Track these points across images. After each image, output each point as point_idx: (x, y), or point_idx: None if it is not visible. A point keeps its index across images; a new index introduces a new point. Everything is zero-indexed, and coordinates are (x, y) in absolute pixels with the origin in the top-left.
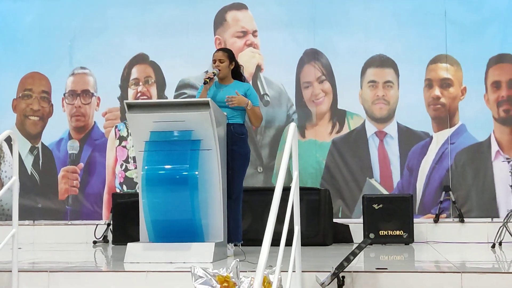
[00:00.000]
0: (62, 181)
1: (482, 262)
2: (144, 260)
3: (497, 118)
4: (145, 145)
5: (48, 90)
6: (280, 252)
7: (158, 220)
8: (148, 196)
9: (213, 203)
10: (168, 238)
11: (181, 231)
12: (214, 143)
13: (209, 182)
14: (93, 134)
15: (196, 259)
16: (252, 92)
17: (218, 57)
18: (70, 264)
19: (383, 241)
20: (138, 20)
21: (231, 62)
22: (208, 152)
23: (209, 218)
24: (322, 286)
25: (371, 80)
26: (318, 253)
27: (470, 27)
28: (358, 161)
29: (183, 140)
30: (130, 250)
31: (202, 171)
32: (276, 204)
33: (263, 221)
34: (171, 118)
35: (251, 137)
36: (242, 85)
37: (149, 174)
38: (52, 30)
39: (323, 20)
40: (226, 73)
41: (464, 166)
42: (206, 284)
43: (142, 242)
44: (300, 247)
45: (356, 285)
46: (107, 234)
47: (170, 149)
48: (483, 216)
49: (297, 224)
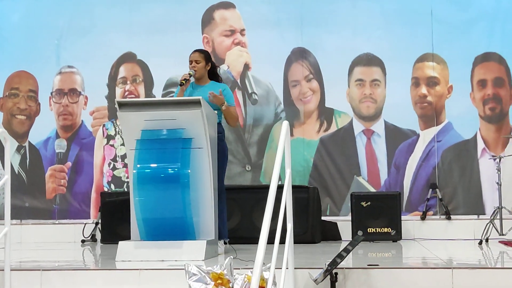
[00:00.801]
0: (50, 180)
1: (470, 259)
2: (136, 258)
3: (483, 116)
4: (136, 144)
5: (35, 89)
6: (275, 249)
7: (150, 218)
8: (140, 194)
9: (204, 201)
10: (160, 236)
11: (173, 229)
12: (206, 141)
13: (200, 180)
14: (81, 133)
15: (188, 257)
16: (227, 92)
17: (194, 58)
18: (61, 263)
19: (371, 238)
20: (125, 18)
21: (207, 63)
22: (200, 150)
23: (201, 216)
24: (315, 282)
25: (358, 78)
26: (307, 250)
27: (456, 26)
28: (345, 159)
29: (174, 138)
30: (122, 249)
31: (193, 169)
32: (271, 202)
33: (252, 219)
34: (163, 116)
35: (239, 136)
36: (218, 85)
37: (141, 173)
38: (39, 28)
39: (310, 19)
40: (202, 73)
41: (450, 163)
42: (200, 281)
43: (134, 241)
44: (293, 244)
45: (349, 282)
46: (95, 233)
47: (162, 148)
48: (470, 213)
49: (290, 221)
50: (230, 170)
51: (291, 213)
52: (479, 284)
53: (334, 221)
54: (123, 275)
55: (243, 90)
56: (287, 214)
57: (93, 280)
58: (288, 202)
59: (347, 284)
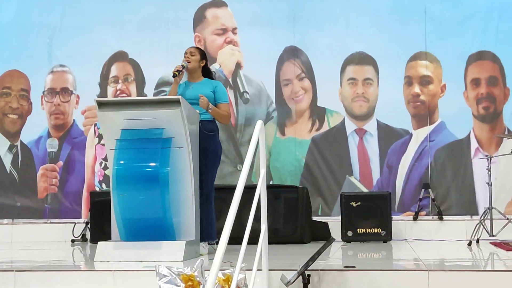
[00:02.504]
0: (41, 179)
1: (455, 260)
2: (114, 259)
3: (477, 116)
4: (116, 143)
5: (27, 88)
6: (242, 250)
7: (129, 218)
8: (119, 194)
9: (185, 201)
10: (139, 236)
11: (152, 229)
12: (186, 141)
13: (180, 180)
14: (73, 132)
15: (167, 258)
16: (220, 88)
17: (190, 50)
18: (41, 263)
19: (361, 239)
20: (117, 17)
21: (202, 59)
22: (180, 150)
23: (181, 216)
24: (286, 285)
25: (350, 77)
26: (293, 251)
27: (449, 24)
28: (337, 159)
29: (154, 138)
30: (101, 249)
31: (173, 169)
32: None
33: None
34: (142, 116)
35: (231, 135)
36: (212, 82)
37: (119, 172)
38: (30, 27)
39: (302, 18)
40: (196, 67)
41: (443, 163)
42: (171, 283)
43: (113, 241)
44: (266, 245)
45: (323, 284)
46: (85, 233)
47: (141, 147)
48: (463, 214)
49: (264, 222)
50: (221, 170)
51: (265, 214)
52: (456, 286)
53: (325, 221)
54: (97, 276)
55: (234, 89)
56: (262, 214)
57: (68, 281)
58: (262, 202)
59: (322, 286)
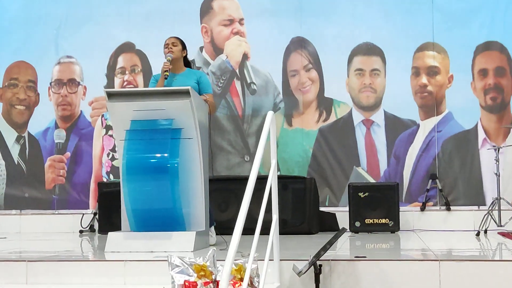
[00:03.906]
0: (49, 170)
1: (464, 250)
2: (125, 250)
3: (484, 106)
4: (126, 134)
5: (34, 79)
6: (255, 240)
7: (139, 209)
8: (129, 185)
9: (194, 192)
10: (149, 227)
11: (162, 220)
12: (195, 132)
13: (190, 171)
14: (80, 123)
15: (177, 248)
16: (204, 79)
17: (171, 41)
18: (51, 254)
19: (369, 230)
20: (124, 8)
21: (183, 49)
22: (189, 140)
23: (191, 207)
24: (298, 275)
25: (358, 68)
26: (302, 242)
27: (457, 15)
28: (345, 150)
29: (163, 128)
30: (111, 239)
31: (183, 159)
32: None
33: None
34: (152, 106)
35: (238, 126)
36: (195, 72)
37: (129, 163)
38: (37, 19)
39: (309, 8)
40: (179, 57)
41: (451, 154)
42: (183, 273)
43: (123, 232)
44: (278, 236)
45: (334, 274)
46: (94, 224)
47: (151, 138)
48: (470, 204)
49: (275, 213)
50: (228, 161)
51: (276, 204)
52: (466, 276)
53: (332, 212)
54: (108, 266)
55: (241, 80)
56: (273, 205)
57: (79, 271)
58: (273, 193)
59: (333, 276)
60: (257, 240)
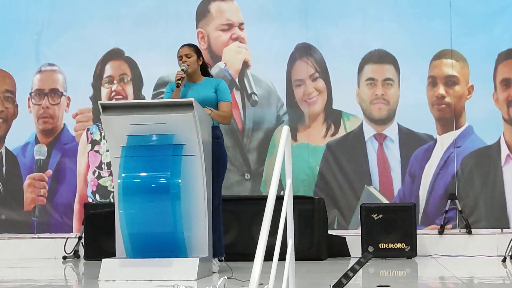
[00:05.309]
0: (28, 190)
1: (491, 278)
2: (121, 278)
3: (507, 119)
4: (122, 151)
5: (12, 89)
6: (273, 268)
7: (136, 233)
8: (125, 207)
9: (197, 214)
10: (147, 253)
11: (162, 245)
12: (198, 148)
13: (192, 191)
14: (63, 138)
15: (179, 277)
16: (223, 86)
17: (184, 52)
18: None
19: (383, 255)
20: (112, 11)
21: (199, 57)
22: (192, 157)
23: (193, 231)
24: None
25: (369, 77)
26: (312, 268)
27: (477, 20)
28: (355, 167)
29: (164, 144)
30: (106, 267)
31: (185, 178)
32: (269, 216)
33: (251, 234)
34: (151, 120)
35: (237, 141)
36: (214, 80)
37: (127, 183)
38: (16, 22)
39: (316, 12)
40: (195, 68)
41: (471, 171)
42: None
43: (119, 258)
44: (294, 262)
45: None
46: (78, 249)
47: (150, 155)
48: (493, 227)
49: (291, 237)
50: (227, 179)
51: (291, 228)
52: None
53: (342, 236)
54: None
55: (241, 90)
56: (288, 228)
57: None
58: (288, 215)
59: None
60: (275, 270)
